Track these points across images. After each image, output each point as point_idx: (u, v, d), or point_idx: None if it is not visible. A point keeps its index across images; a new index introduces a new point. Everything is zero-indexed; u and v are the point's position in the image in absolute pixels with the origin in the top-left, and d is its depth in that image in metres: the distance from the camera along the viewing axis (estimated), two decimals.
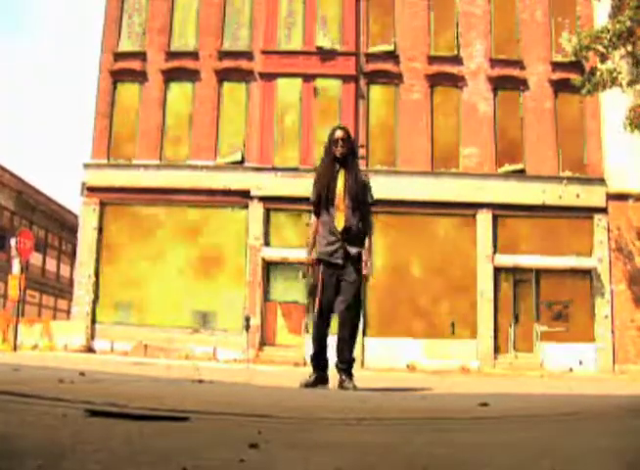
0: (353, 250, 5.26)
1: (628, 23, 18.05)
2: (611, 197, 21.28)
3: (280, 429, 2.26)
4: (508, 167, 21.94)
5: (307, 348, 5.64)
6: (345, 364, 5.21)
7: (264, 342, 21.10)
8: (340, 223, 5.29)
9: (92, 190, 22.36)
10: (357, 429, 2.36)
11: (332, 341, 5.30)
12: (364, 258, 5.30)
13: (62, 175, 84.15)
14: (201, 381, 4.67)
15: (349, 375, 5.19)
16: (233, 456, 1.64)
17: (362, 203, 5.39)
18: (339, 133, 5.43)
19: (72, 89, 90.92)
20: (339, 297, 5.24)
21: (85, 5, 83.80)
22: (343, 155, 5.39)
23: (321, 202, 5.37)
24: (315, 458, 1.70)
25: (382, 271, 21.12)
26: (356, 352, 5.56)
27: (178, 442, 1.89)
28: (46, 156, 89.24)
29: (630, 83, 18.76)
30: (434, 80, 22.56)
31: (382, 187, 21.17)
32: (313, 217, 5.48)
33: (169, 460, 1.60)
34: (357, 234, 5.33)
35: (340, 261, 5.24)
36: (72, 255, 31.44)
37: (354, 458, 1.74)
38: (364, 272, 5.28)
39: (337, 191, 5.31)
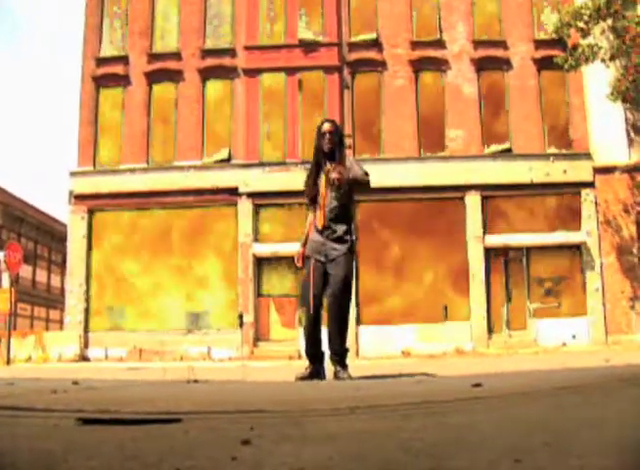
0: (339, 248, 5.29)
1: None
2: (597, 171, 21.38)
3: (273, 423, 2.26)
4: (495, 148, 22.00)
5: (302, 341, 5.64)
6: (338, 356, 5.24)
7: (259, 338, 21.13)
8: (320, 221, 5.33)
9: (80, 198, 22.29)
10: (350, 418, 2.36)
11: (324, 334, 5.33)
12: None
13: (48, 185, 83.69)
14: (195, 381, 4.67)
15: (344, 365, 5.22)
16: (225, 454, 1.64)
17: (349, 192, 5.41)
18: (326, 126, 5.45)
19: (55, 97, 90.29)
20: (327, 290, 5.27)
21: (65, 12, 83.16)
22: (331, 149, 5.38)
23: (312, 199, 5.45)
24: (308, 450, 1.69)
25: (372, 259, 21.18)
26: (350, 342, 5.61)
27: (171, 443, 1.88)
28: (31, 166, 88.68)
29: (612, 57, 18.87)
30: (418, 65, 22.57)
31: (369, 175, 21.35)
32: (310, 215, 5.52)
33: (162, 462, 1.59)
34: (339, 230, 5.34)
35: (323, 259, 5.28)
36: (63, 264, 31.30)
37: (347, 447, 1.74)
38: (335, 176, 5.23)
39: (320, 188, 5.35)
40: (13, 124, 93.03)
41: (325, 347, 5.29)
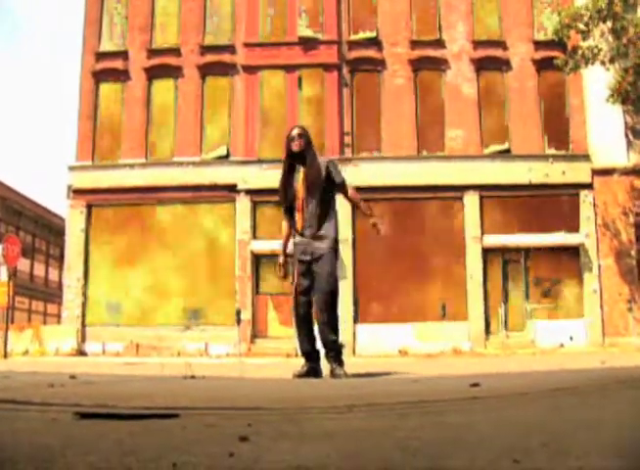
0: (322, 247, 5.33)
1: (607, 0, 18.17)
2: (596, 172, 21.40)
3: (270, 420, 2.26)
4: (493, 148, 22.01)
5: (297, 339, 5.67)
6: (333, 351, 5.25)
7: (256, 335, 21.15)
8: (299, 223, 5.39)
9: (78, 192, 22.28)
10: (348, 416, 2.36)
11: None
12: (367, 212, 5.65)
13: (47, 179, 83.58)
14: (193, 377, 4.66)
15: (340, 362, 5.23)
16: (223, 450, 1.64)
17: (327, 190, 5.45)
18: (294, 131, 5.50)
19: (55, 92, 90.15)
20: (314, 287, 5.32)
21: (65, 7, 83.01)
22: (300, 149, 5.41)
23: (288, 204, 5.49)
24: (305, 448, 1.70)
25: (370, 257, 21.19)
26: (347, 340, 5.63)
27: (168, 439, 1.88)
28: (30, 160, 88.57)
29: (612, 60, 18.88)
30: (418, 65, 22.55)
31: (368, 174, 21.39)
32: (284, 221, 5.59)
33: (160, 458, 1.59)
34: (322, 228, 5.38)
35: (308, 258, 5.33)
36: (60, 258, 31.32)
37: (345, 446, 1.74)
38: (374, 222, 5.56)
39: (296, 191, 5.39)
40: (12, 118, 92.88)
41: (320, 344, 5.32)
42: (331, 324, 5.29)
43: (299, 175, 5.43)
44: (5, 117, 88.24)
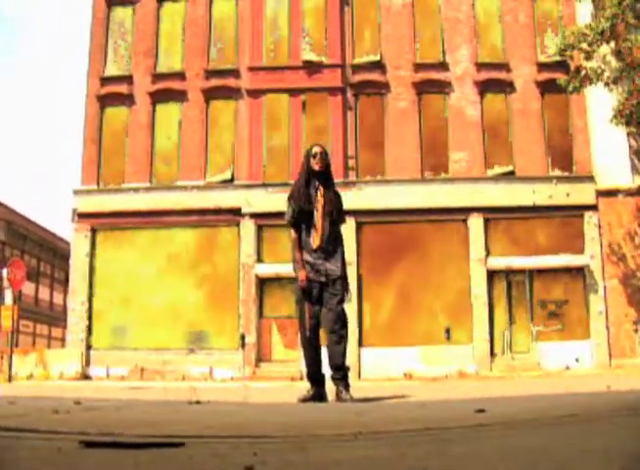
0: (336, 269, 5.32)
1: (610, 21, 18.32)
2: (600, 193, 21.39)
3: (277, 449, 2.25)
4: (498, 170, 22.04)
5: (303, 362, 5.62)
6: (340, 373, 5.19)
7: (260, 358, 21.04)
8: (316, 241, 5.33)
9: (83, 216, 22.35)
10: (353, 444, 2.35)
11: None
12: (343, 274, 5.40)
13: (52, 203, 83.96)
14: (198, 402, 4.63)
15: (346, 386, 5.18)
16: None
17: (338, 219, 5.49)
18: (316, 149, 5.50)
19: (60, 115, 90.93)
20: (324, 308, 5.28)
21: (70, 32, 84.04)
22: (322, 169, 5.43)
23: (299, 219, 5.41)
24: None
25: (375, 281, 21.14)
26: (353, 364, 5.59)
27: (174, 469, 1.88)
28: (35, 183, 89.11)
29: (615, 80, 18.97)
30: (421, 88, 22.69)
31: (372, 197, 21.45)
32: (293, 233, 5.46)
33: None
34: (335, 250, 5.39)
35: (324, 280, 5.30)
36: (65, 282, 31.29)
37: None
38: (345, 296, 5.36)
39: (316, 208, 5.37)
40: (17, 141, 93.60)
41: (325, 367, 5.28)
42: (340, 346, 5.24)
43: (319, 195, 5.41)
44: (10, 140, 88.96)
